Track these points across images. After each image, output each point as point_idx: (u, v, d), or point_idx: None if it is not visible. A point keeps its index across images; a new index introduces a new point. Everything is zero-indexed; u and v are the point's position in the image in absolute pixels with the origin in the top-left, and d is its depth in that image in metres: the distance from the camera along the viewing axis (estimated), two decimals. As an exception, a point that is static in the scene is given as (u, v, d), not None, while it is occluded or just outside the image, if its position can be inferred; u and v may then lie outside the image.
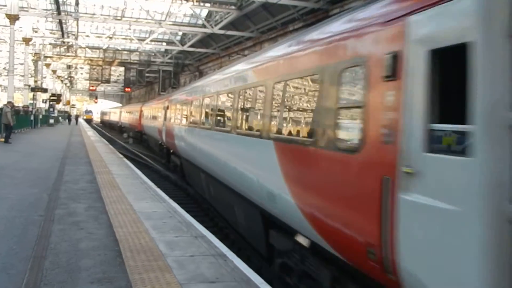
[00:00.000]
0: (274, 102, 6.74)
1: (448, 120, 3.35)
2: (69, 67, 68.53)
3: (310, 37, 5.99)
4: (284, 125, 6.54)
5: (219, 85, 11.03)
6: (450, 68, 3.47)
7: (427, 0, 3.62)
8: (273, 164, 6.31)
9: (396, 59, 3.82)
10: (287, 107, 6.44)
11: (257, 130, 7.38)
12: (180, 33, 45.49)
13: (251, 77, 8.21)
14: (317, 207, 5.07)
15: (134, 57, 54.60)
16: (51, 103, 52.33)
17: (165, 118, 21.70)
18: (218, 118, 10.77)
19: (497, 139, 3.00)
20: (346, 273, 5.00)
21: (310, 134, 5.40)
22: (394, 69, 3.84)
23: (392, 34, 3.98)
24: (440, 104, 3.45)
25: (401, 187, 3.64)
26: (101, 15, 40.76)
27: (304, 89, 6.01)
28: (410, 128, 3.60)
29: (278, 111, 6.64)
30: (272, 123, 6.82)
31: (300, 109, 6.24)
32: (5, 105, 23.49)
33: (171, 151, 20.09)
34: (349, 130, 4.68)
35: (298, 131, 6.07)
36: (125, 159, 18.24)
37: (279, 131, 6.51)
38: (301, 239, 5.85)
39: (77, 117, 73.17)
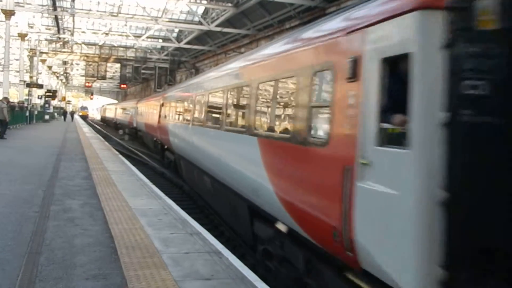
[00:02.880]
0: None
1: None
2: (64, 63, 68.36)
3: None
4: None
5: None
6: (397, 74, 3.86)
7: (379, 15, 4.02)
8: None
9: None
10: None
11: None
12: (177, 30, 45.44)
13: None
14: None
15: (130, 54, 54.44)
16: (46, 99, 52.19)
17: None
18: None
19: (430, 135, 3.50)
20: (317, 255, 5.42)
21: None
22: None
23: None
24: (388, 105, 3.94)
25: (358, 176, 4.16)
26: (97, 11, 40.64)
27: None
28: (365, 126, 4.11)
29: None
30: None
31: None
32: (0, 100, 23.48)
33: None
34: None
35: None
36: (120, 156, 18.22)
37: None
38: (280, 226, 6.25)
39: (72, 113, 72.78)
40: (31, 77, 47.74)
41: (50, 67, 63.60)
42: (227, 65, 11.20)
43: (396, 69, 3.96)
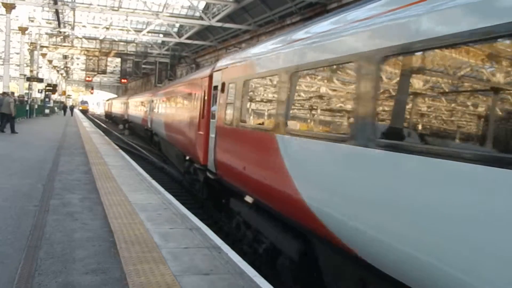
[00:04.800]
0: None
1: None
2: (65, 57, 68.23)
3: None
4: None
5: None
6: None
7: None
8: None
9: None
10: None
11: None
12: (177, 25, 45.34)
13: None
14: None
15: (131, 48, 54.37)
16: (46, 93, 52.14)
17: None
18: None
19: None
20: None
21: None
22: None
23: None
24: None
25: None
26: (98, 5, 40.47)
27: None
28: None
29: None
30: None
31: None
32: (7, 95, 23.80)
33: None
34: None
35: None
36: (120, 150, 18.22)
37: None
38: None
39: (72, 107, 72.39)
40: (31, 71, 47.66)
41: (50, 61, 63.52)
42: None
43: None
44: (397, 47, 4.20)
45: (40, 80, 46.95)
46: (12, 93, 25.53)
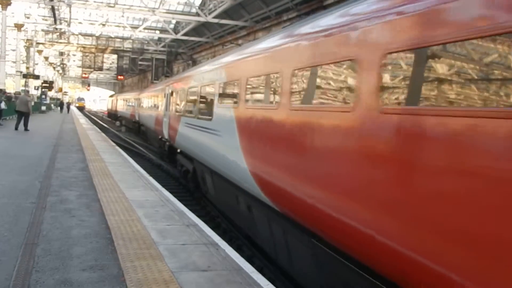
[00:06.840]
0: None
1: None
2: (61, 54, 68.10)
3: None
4: None
5: None
6: None
7: None
8: None
9: None
10: None
11: None
12: (174, 21, 45.30)
13: None
14: None
15: (127, 45, 54.25)
16: (43, 90, 52.00)
17: None
18: None
19: None
20: None
21: None
22: None
23: None
24: None
25: None
26: (94, 2, 40.39)
27: None
28: None
29: None
30: None
31: None
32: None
33: None
34: None
35: None
36: (117, 147, 18.20)
37: None
38: None
39: (68, 104, 71.95)
40: (27, 67, 47.55)
41: (46, 58, 63.27)
42: None
43: None
44: None
45: (37, 77, 46.83)
46: (27, 91, 26.05)
